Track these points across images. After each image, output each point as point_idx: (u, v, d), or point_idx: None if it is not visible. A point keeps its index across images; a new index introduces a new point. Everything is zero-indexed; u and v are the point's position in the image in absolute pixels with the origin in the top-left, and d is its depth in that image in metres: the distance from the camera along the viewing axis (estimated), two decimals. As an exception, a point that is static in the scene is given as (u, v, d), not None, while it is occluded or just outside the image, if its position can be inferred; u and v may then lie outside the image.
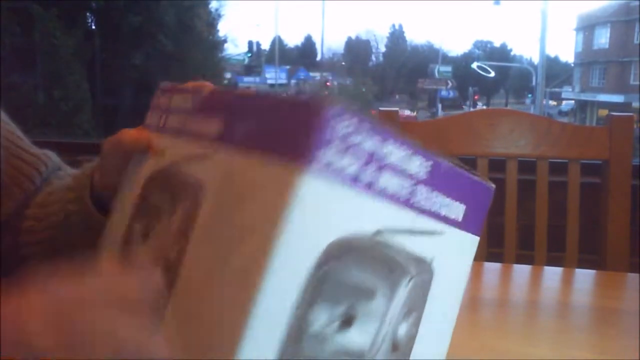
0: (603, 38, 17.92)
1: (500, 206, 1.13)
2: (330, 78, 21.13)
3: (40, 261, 0.52)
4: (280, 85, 19.23)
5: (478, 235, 0.44)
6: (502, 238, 1.12)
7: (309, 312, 0.35)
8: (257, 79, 18.55)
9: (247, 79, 17.98)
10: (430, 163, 0.39)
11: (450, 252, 0.42)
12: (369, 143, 0.36)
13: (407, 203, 0.38)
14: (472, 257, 0.44)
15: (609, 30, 17.55)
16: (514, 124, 1.13)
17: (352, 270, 0.37)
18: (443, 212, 0.41)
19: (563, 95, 19.92)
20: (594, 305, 0.78)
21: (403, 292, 0.40)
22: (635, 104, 15.21)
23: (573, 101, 19.18)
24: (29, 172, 0.69)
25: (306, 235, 0.34)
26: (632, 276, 0.86)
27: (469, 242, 0.43)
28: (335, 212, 0.35)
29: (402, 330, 0.40)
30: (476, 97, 20.94)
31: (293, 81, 20.85)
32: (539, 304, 0.77)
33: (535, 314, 0.73)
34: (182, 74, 7.15)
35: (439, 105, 19.33)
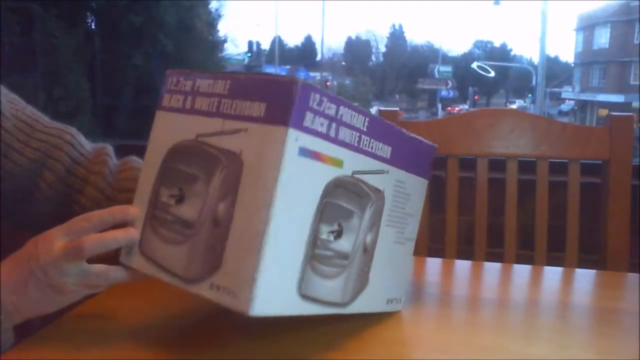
0: (603, 38, 17.92)
1: (500, 206, 1.13)
2: (330, 78, 21.13)
3: None
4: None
5: (288, 126, 0.50)
6: (502, 238, 1.12)
7: (157, 190, 0.58)
8: (257, 79, 18.46)
9: (247, 79, 17.90)
10: (229, 82, 0.55)
11: (256, 144, 0.52)
12: (186, 85, 0.59)
13: (217, 113, 0.55)
14: (285, 145, 0.50)
15: (609, 30, 17.55)
16: (514, 124, 1.13)
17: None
18: (246, 113, 0.53)
19: (563, 95, 19.91)
20: (594, 305, 0.78)
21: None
22: (635, 104, 15.20)
23: (573, 101, 19.17)
24: (55, 142, 0.75)
25: (158, 145, 0.59)
26: (632, 276, 0.86)
27: (273, 134, 0.51)
28: (173, 129, 0.58)
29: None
30: (476, 97, 20.92)
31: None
32: (539, 304, 0.77)
33: (535, 314, 0.73)
34: (182, 74, 7.13)
35: (439, 105, 19.33)
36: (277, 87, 0.51)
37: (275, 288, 0.51)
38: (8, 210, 0.73)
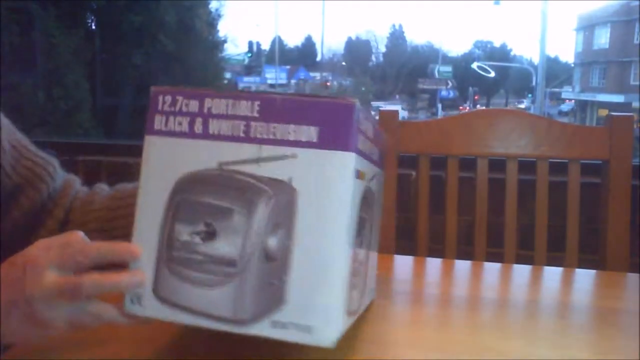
0: (603, 38, 17.92)
1: (500, 206, 1.13)
2: (330, 78, 21.14)
3: None
4: (280, 85, 19.22)
5: (349, 151, 0.48)
6: (502, 238, 1.12)
7: (172, 229, 0.51)
8: (257, 79, 18.56)
9: (247, 79, 17.99)
10: (257, 102, 0.50)
11: (312, 170, 0.49)
12: (190, 105, 0.52)
13: (247, 138, 0.50)
14: (350, 171, 0.49)
15: (609, 30, 17.55)
16: (514, 124, 1.13)
17: (203, 197, 0.50)
18: (291, 138, 0.49)
19: (563, 95, 19.91)
20: (594, 305, 0.78)
21: (262, 210, 0.49)
22: (635, 104, 15.20)
23: (573, 101, 19.17)
24: (40, 172, 0.75)
25: (158, 177, 0.52)
26: (632, 276, 0.86)
27: (335, 159, 0.48)
28: (176, 157, 0.52)
29: (272, 243, 0.49)
30: (476, 97, 20.93)
31: (293, 81, 20.85)
32: (539, 304, 0.77)
33: (535, 314, 0.73)
34: (182, 74, 7.14)
35: (439, 105, 19.33)
36: (333, 110, 0.49)
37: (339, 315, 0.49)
38: None
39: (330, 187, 0.48)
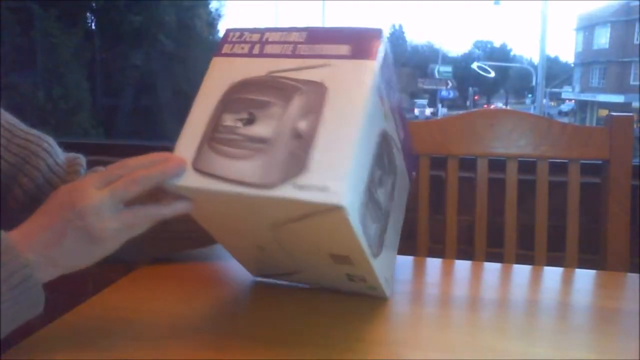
0: (603, 38, 17.91)
1: (500, 206, 1.13)
2: (330, 78, 21.07)
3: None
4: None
5: (371, 59, 0.61)
6: (502, 238, 1.12)
7: (220, 117, 0.61)
8: (257, 79, 18.47)
9: (247, 78, 17.90)
10: (305, 33, 0.64)
11: (341, 73, 0.60)
12: (253, 36, 0.66)
13: (293, 55, 0.63)
14: (372, 73, 0.60)
15: (609, 30, 17.53)
16: (514, 124, 1.13)
17: (249, 94, 0.61)
18: (328, 52, 0.62)
19: (563, 96, 19.90)
20: (594, 305, 0.78)
21: (296, 100, 0.59)
22: (635, 104, 15.18)
23: (573, 101, 19.16)
24: (34, 149, 0.75)
25: (216, 82, 0.64)
26: (632, 276, 0.86)
27: (361, 65, 0.60)
28: (234, 70, 0.64)
29: (302, 124, 0.58)
30: (476, 97, 20.92)
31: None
32: (539, 304, 0.77)
33: (535, 314, 0.73)
34: (182, 74, 7.13)
35: (439, 105, 19.30)
36: (364, 31, 0.62)
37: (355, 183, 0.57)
38: None
39: (353, 82, 0.59)
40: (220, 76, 0.64)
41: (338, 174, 0.55)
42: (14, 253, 0.52)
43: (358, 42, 0.61)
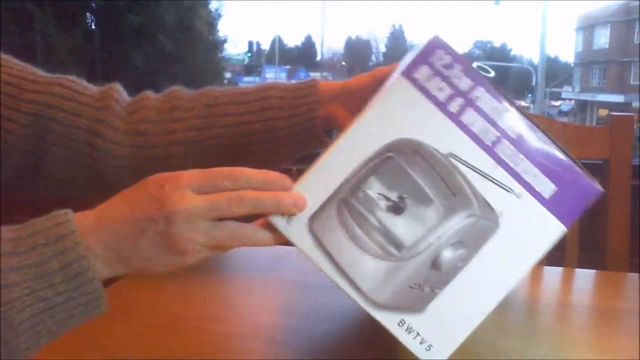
0: (603, 38, 17.92)
1: (500, 206, 1.13)
2: (330, 78, 21.13)
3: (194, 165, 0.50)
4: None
5: (564, 225, 0.48)
6: (502, 238, 1.12)
7: (366, 177, 0.47)
8: (257, 79, 18.56)
9: (246, 78, 17.99)
10: (524, 124, 0.47)
11: (525, 219, 0.48)
12: (460, 81, 0.47)
13: (489, 149, 0.47)
14: (551, 242, 0.49)
15: (609, 30, 17.55)
16: (514, 124, 1.12)
17: (414, 170, 0.47)
18: (527, 179, 0.47)
19: (563, 95, 19.91)
20: (594, 305, 0.78)
21: (459, 220, 0.47)
22: (635, 104, 15.21)
23: (573, 101, 19.16)
24: (46, 101, 0.66)
25: (383, 121, 0.48)
26: (632, 276, 0.86)
27: (550, 224, 0.48)
28: (414, 115, 0.47)
29: (447, 255, 0.47)
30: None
31: (293, 81, 20.84)
32: (539, 304, 0.77)
33: (535, 314, 0.73)
34: (182, 74, 7.14)
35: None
36: (579, 183, 0.48)
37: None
38: (17, 184, 0.67)
39: (528, 243, 0.48)
40: (393, 113, 0.48)
41: (449, 337, 0.49)
42: (74, 239, 0.45)
43: (567, 192, 0.48)
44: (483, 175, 0.47)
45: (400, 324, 0.48)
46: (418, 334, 0.49)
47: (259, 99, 0.68)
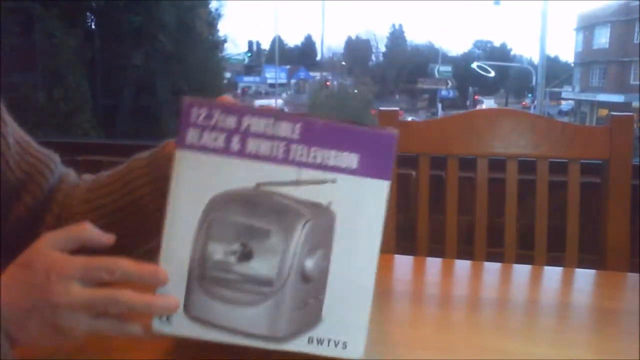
0: (603, 38, 17.91)
1: (500, 206, 1.13)
2: (330, 78, 21.12)
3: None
4: (281, 85, 19.21)
5: (386, 180, 0.51)
6: (502, 238, 1.12)
7: (205, 247, 0.50)
8: (257, 79, 18.55)
9: (247, 78, 17.99)
10: (299, 125, 0.50)
11: (352, 195, 0.50)
12: (227, 121, 0.50)
13: (285, 160, 0.50)
14: (384, 199, 0.51)
15: (609, 30, 17.54)
16: (514, 124, 1.13)
17: (239, 216, 0.50)
18: (331, 163, 0.50)
19: (563, 95, 19.90)
20: (594, 305, 0.78)
21: (300, 231, 0.50)
22: (635, 104, 15.19)
23: (573, 101, 19.16)
24: (41, 169, 0.75)
25: (190, 194, 0.50)
26: (632, 276, 0.86)
27: (373, 186, 0.50)
28: (210, 174, 0.50)
29: (309, 264, 0.50)
30: (476, 97, 20.91)
31: (293, 81, 20.85)
32: (539, 304, 0.77)
33: (535, 314, 0.73)
34: (182, 74, 7.14)
35: (439, 105, 19.31)
36: (374, 139, 0.50)
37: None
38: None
39: (366, 212, 0.51)
40: (193, 183, 0.51)
41: (355, 326, 0.51)
42: None
43: (368, 151, 0.50)
44: (294, 184, 0.50)
45: (310, 341, 0.51)
46: (329, 340, 0.51)
47: (121, 177, 0.75)
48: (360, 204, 0.50)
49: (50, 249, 0.52)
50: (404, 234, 1.12)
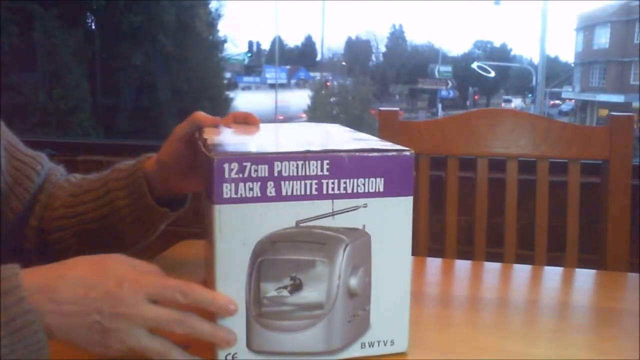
0: (603, 38, 17.89)
1: (500, 206, 1.13)
2: (330, 78, 21.11)
3: (76, 252, 0.55)
4: (281, 85, 19.20)
5: (409, 195, 0.57)
6: (502, 238, 1.12)
7: (258, 288, 0.54)
8: (257, 79, 18.53)
9: (247, 78, 17.96)
10: (327, 162, 0.54)
11: (381, 215, 0.56)
12: (258, 171, 0.52)
13: (318, 196, 0.54)
14: (410, 212, 0.57)
15: (609, 30, 17.52)
16: (514, 124, 1.13)
17: (285, 254, 0.54)
18: (360, 190, 0.55)
19: (563, 95, 19.88)
20: (594, 305, 0.78)
21: (342, 256, 0.55)
22: (635, 104, 15.17)
23: (573, 101, 19.15)
24: (28, 172, 0.76)
25: (236, 243, 0.53)
26: (632, 276, 0.86)
27: (400, 204, 0.57)
28: (252, 222, 0.53)
29: (354, 282, 0.56)
30: (476, 97, 20.91)
31: (293, 81, 20.83)
32: (539, 304, 0.77)
33: (535, 314, 0.73)
34: (182, 74, 7.14)
35: (439, 105, 19.30)
36: (395, 162, 0.56)
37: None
38: None
39: (396, 226, 0.57)
40: (236, 232, 0.53)
41: (399, 325, 0.59)
42: (19, 294, 0.48)
43: (391, 174, 0.55)
44: (330, 215, 0.54)
45: (362, 347, 0.58)
46: (379, 341, 0.59)
47: (102, 186, 0.76)
48: (390, 220, 0.56)
49: (128, 265, 0.53)
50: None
